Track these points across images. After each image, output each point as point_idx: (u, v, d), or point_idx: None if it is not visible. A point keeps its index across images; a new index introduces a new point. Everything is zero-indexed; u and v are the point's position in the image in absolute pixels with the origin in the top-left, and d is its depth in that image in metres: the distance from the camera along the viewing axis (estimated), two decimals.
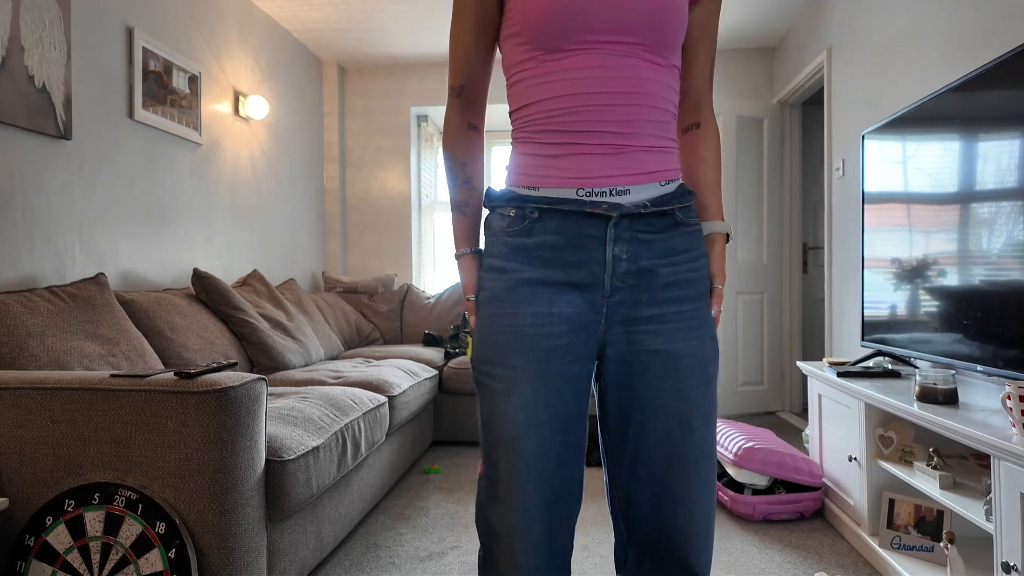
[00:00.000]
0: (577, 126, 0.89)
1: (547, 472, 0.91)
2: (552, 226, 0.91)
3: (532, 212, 0.92)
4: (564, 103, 0.89)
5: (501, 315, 0.93)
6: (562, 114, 0.90)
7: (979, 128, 1.66)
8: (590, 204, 0.89)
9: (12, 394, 1.43)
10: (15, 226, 2.00)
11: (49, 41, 2.09)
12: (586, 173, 0.90)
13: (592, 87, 0.88)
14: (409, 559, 1.97)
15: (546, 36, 0.88)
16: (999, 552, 1.33)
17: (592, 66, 0.88)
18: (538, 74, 0.91)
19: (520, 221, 0.93)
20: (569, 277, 0.91)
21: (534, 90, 0.91)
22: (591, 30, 0.87)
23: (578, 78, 0.88)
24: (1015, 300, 1.51)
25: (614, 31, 0.87)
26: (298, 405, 1.87)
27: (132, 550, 1.36)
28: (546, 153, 0.92)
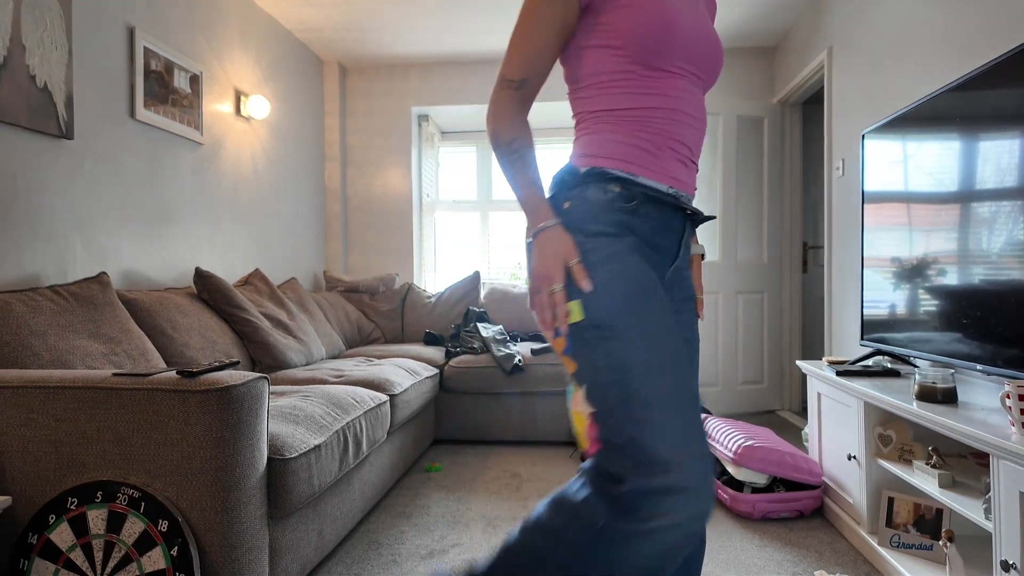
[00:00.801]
0: (672, 135, 1.02)
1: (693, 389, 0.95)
2: (652, 212, 1.02)
3: (638, 194, 1.01)
4: (665, 114, 1.02)
5: (628, 268, 0.97)
6: (663, 123, 1.02)
7: (979, 128, 1.67)
8: (675, 197, 1.03)
9: (15, 393, 1.43)
10: (17, 225, 2.00)
11: (50, 41, 2.09)
12: (675, 175, 1.04)
13: (685, 107, 1.03)
14: (410, 557, 1.98)
15: (649, 55, 1.00)
16: (998, 550, 1.33)
17: (684, 89, 1.03)
18: (640, 85, 1.02)
19: (627, 200, 1.01)
20: (649, 258, 1.03)
21: (637, 98, 1.02)
22: (683, 59, 1.02)
23: (676, 96, 1.02)
24: (1014, 299, 1.52)
25: (695, 64, 1.03)
26: (300, 404, 1.88)
27: (135, 548, 1.36)
28: (644, 147, 1.02)
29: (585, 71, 1.06)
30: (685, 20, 1.01)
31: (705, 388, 3.92)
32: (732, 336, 3.96)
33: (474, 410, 3.32)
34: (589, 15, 1.05)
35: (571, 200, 1.03)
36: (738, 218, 4.00)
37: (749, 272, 4.01)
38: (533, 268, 1.00)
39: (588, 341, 0.96)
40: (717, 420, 2.70)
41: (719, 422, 2.66)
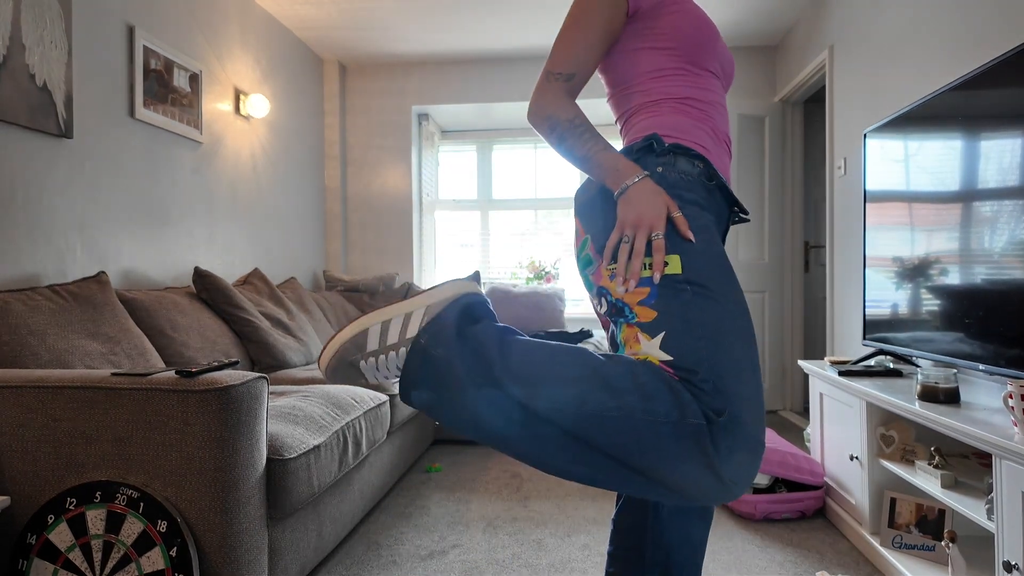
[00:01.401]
0: (722, 129, 1.12)
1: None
2: (719, 198, 1.09)
3: (714, 179, 1.07)
4: (717, 109, 1.11)
5: (714, 243, 1.00)
6: (717, 117, 1.11)
7: (981, 127, 1.66)
8: (729, 191, 1.10)
9: (14, 392, 1.43)
10: (16, 225, 2.00)
11: (50, 40, 2.09)
12: (726, 168, 1.12)
13: (719, 99, 1.13)
14: (410, 558, 1.97)
15: (697, 54, 1.10)
16: (1000, 551, 1.33)
17: (720, 88, 1.15)
18: (695, 82, 1.10)
19: (708, 178, 1.06)
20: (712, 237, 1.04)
21: (697, 91, 1.10)
22: (717, 61, 1.14)
23: (719, 93, 1.13)
24: (1017, 299, 1.51)
25: (723, 67, 1.16)
26: (299, 404, 1.87)
27: (133, 548, 1.36)
28: (710, 135, 1.09)
29: (641, 69, 1.12)
30: (715, 32, 1.13)
31: None
32: None
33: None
34: (638, 21, 1.11)
35: (663, 167, 1.04)
36: None
37: (750, 271, 4.00)
38: (627, 217, 0.98)
39: (682, 294, 0.95)
40: None
41: None
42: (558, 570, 1.88)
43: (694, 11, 1.11)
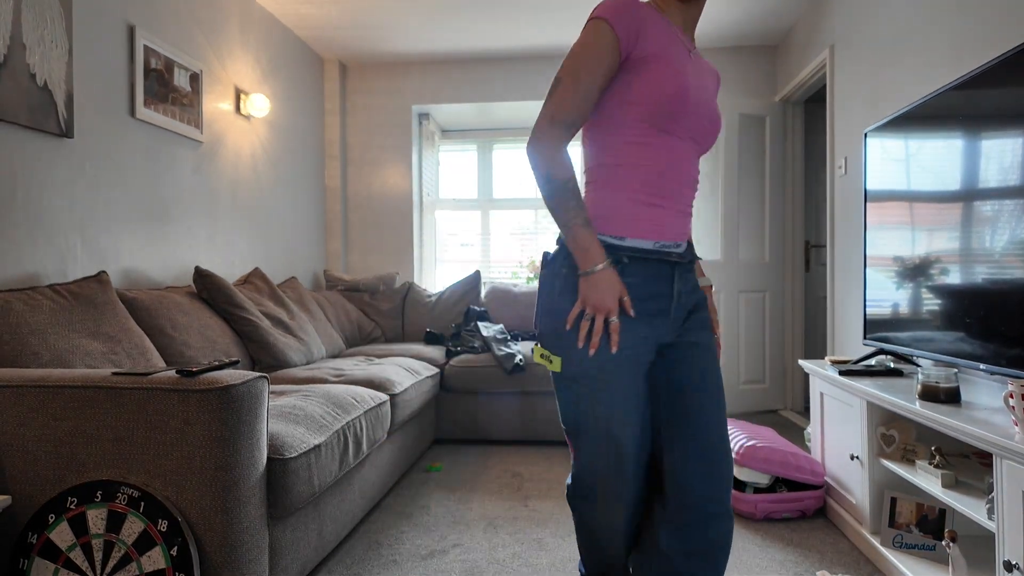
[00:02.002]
0: (664, 192, 1.18)
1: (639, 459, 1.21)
2: (639, 269, 1.18)
3: (623, 259, 1.17)
4: (662, 172, 1.17)
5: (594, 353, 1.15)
6: (659, 179, 1.17)
7: (982, 126, 1.66)
8: (662, 253, 1.19)
9: (14, 392, 1.43)
10: (17, 224, 2.00)
11: (50, 39, 2.09)
12: (663, 227, 1.19)
13: (678, 167, 1.19)
14: (411, 557, 1.97)
15: (662, 119, 1.15)
16: (1001, 551, 1.33)
17: (682, 150, 1.19)
18: (648, 144, 1.17)
19: (616, 261, 1.17)
20: (646, 307, 1.18)
21: (643, 154, 1.17)
22: (687, 128, 1.18)
23: (674, 157, 1.18)
24: (1018, 298, 1.51)
25: (697, 132, 1.20)
26: (300, 403, 1.87)
27: (134, 548, 1.36)
28: (639, 200, 1.17)
29: (608, 121, 1.19)
30: (694, 93, 1.16)
31: None
32: (734, 335, 3.95)
33: (475, 409, 3.31)
34: (623, 70, 1.17)
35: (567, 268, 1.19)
36: (740, 217, 3.99)
37: (751, 271, 4.00)
38: (589, 299, 1.14)
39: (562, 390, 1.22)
40: None
41: None
42: (559, 569, 1.88)
43: (671, 77, 1.13)
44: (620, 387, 1.15)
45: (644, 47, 1.14)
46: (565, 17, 3.76)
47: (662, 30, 1.17)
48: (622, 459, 1.18)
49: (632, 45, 1.14)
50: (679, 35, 1.20)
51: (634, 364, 1.16)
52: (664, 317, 1.20)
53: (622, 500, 1.21)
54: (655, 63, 1.13)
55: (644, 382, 1.20)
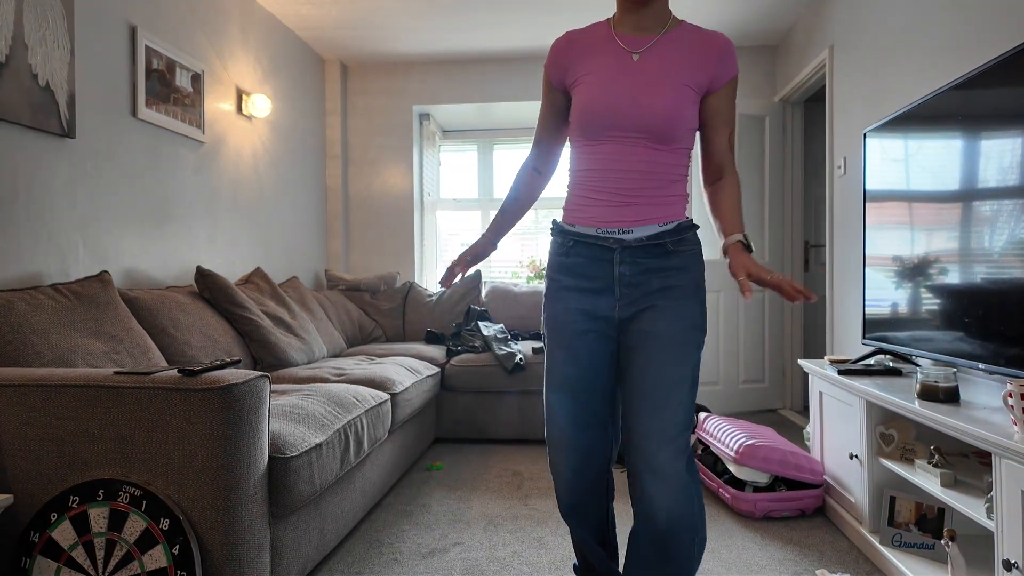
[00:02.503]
0: (597, 190, 1.36)
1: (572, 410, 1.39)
2: (582, 251, 1.37)
3: (569, 241, 1.39)
4: (592, 174, 1.36)
5: (554, 310, 1.41)
6: (591, 180, 1.37)
7: (981, 126, 1.66)
8: (602, 239, 1.35)
9: (17, 391, 1.43)
10: (19, 224, 2.00)
11: (52, 39, 2.09)
12: (601, 218, 1.36)
13: (608, 165, 1.34)
14: (411, 556, 1.98)
15: (586, 132, 1.35)
16: (1000, 550, 1.33)
17: (611, 152, 1.34)
18: (581, 152, 1.38)
19: (563, 246, 1.40)
20: (589, 285, 1.37)
21: (581, 161, 1.38)
22: (614, 128, 1.32)
23: (601, 159, 1.35)
24: (1017, 298, 1.51)
25: (629, 130, 1.32)
26: (301, 402, 1.88)
27: (136, 546, 1.36)
28: (580, 203, 1.38)
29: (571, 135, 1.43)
30: (613, 99, 1.31)
31: (706, 387, 3.91)
32: (733, 335, 3.96)
33: (475, 409, 3.32)
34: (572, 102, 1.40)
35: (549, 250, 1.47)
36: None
37: None
38: None
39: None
40: (718, 419, 2.70)
41: (720, 421, 2.66)
42: (559, 568, 1.89)
43: (586, 95, 1.34)
44: (558, 345, 1.39)
45: (573, 78, 1.38)
46: (566, 18, 3.76)
47: (595, 53, 1.36)
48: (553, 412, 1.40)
49: (563, 81, 1.42)
50: (618, 46, 1.35)
51: (572, 329, 1.37)
52: (609, 295, 1.35)
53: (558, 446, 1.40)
54: (578, 88, 1.37)
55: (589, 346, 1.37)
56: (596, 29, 1.40)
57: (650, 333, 1.32)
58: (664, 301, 1.33)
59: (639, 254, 1.33)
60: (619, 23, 1.38)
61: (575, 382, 1.38)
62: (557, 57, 1.42)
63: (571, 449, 1.39)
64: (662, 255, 1.33)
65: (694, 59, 1.32)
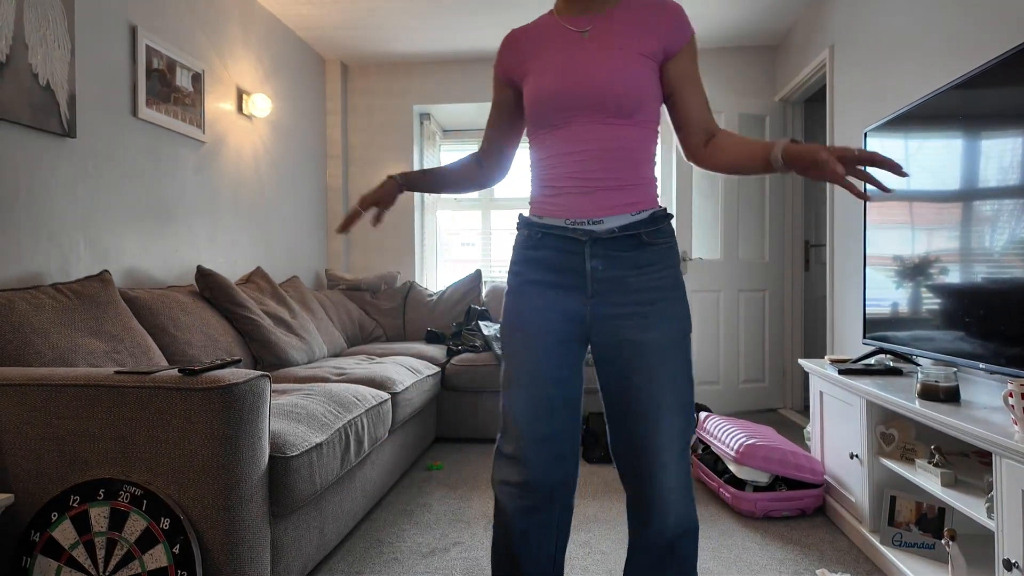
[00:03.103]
0: (561, 178, 1.27)
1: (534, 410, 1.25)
2: (549, 243, 1.28)
3: (537, 233, 1.29)
4: (553, 161, 1.28)
5: (516, 304, 1.29)
6: (553, 168, 1.28)
7: (982, 126, 1.66)
8: (571, 231, 1.25)
9: (17, 390, 1.44)
10: (20, 224, 2.01)
11: (53, 39, 2.09)
12: (574, 208, 1.26)
13: (568, 149, 1.26)
14: (412, 555, 1.98)
15: (540, 119, 1.28)
16: (1000, 549, 1.33)
17: (569, 135, 1.26)
18: (541, 143, 1.30)
19: (530, 239, 1.30)
20: (559, 280, 1.26)
21: (540, 151, 1.31)
22: (568, 110, 1.25)
23: (560, 143, 1.27)
24: (1017, 298, 1.51)
25: (586, 108, 1.24)
26: (301, 402, 1.88)
27: (137, 546, 1.37)
28: (546, 194, 1.30)
29: None
30: (564, 80, 1.25)
31: (707, 386, 3.91)
32: (734, 334, 3.96)
33: (476, 408, 3.32)
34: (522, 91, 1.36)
35: (514, 244, 1.37)
36: (740, 216, 4.00)
37: (751, 270, 4.00)
38: None
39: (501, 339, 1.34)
40: (719, 418, 2.70)
41: (721, 420, 2.66)
42: None
43: (533, 85, 1.29)
44: (523, 347, 1.27)
45: (523, 72, 1.34)
46: None
47: (543, 43, 1.32)
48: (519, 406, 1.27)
49: (512, 78, 1.37)
50: (565, 29, 1.30)
51: (539, 329, 1.26)
52: (580, 292, 1.25)
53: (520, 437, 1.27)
54: (528, 80, 1.32)
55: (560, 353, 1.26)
56: (541, 21, 1.36)
57: (640, 345, 1.21)
58: (649, 307, 1.22)
59: (611, 247, 1.24)
60: (563, 9, 1.33)
61: (541, 392, 1.25)
62: (505, 55, 1.39)
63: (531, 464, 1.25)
64: (636, 247, 1.24)
65: (645, 27, 1.26)
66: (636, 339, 1.21)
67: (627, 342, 1.22)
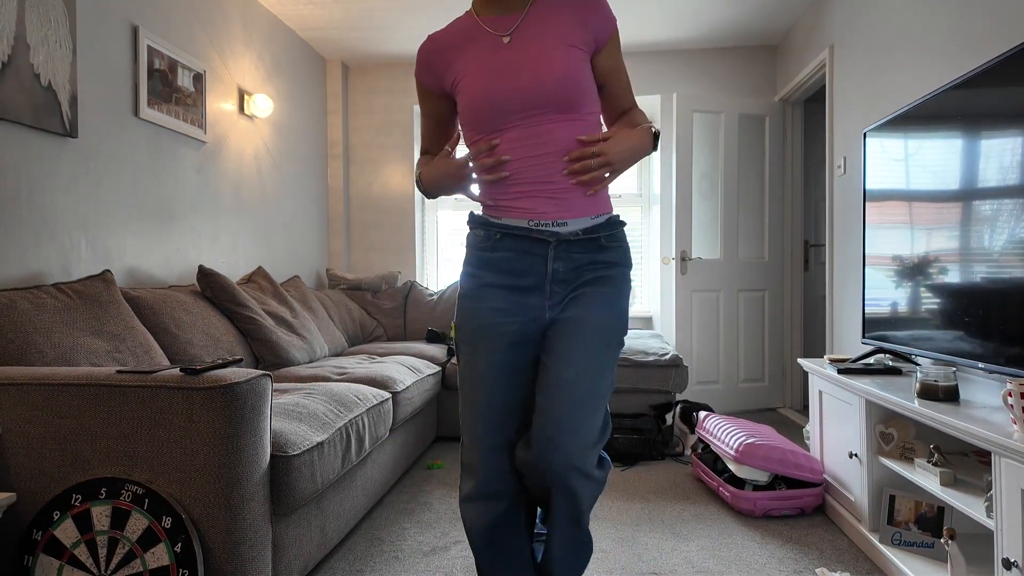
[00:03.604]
0: (521, 182, 1.25)
1: (492, 419, 1.26)
2: (509, 244, 1.27)
3: (495, 234, 1.28)
4: (512, 166, 1.25)
5: (474, 308, 1.28)
6: (512, 171, 1.25)
7: (981, 126, 1.67)
8: (537, 232, 1.25)
9: (19, 390, 1.44)
10: (22, 224, 2.01)
11: (54, 39, 2.10)
12: (534, 209, 1.26)
13: (521, 154, 1.24)
14: (412, 553, 1.98)
15: (481, 126, 1.26)
16: (999, 548, 1.33)
17: (518, 138, 1.24)
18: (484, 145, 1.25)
19: (487, 240, 1.29)
20: (519, 282, 1.27)
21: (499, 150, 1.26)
22: (511, 114, 1.23)
23: (512, 147, 1.25)
24: (1016, 297, 1.52)
25: (530, 109, 1.23)
26: (302, 401, 1.89)
27: (138, 544, 1.37)
28: (507, 196, 1.27)
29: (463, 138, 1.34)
30: (499, 83, 1.23)
31: (707, 385, 3.92)
32: (733, 334, 3.96)
33: None
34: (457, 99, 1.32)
35: (465, 243, 1.35)
36: (739, 216, 4.00)
37: (750, 270, 4.01)
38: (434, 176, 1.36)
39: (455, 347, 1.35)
40: (718, 418, 2.70)
41: (720, 419, 2.66)
42: None
43: (471, 90, 1.25)
44: (480, 352, 1.26)
45: (450, 78, 1.31)
46: None
47: (466, 47, 1.29)
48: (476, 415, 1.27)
49: (441, 86, 1.34)
50: (487, 32, 1.29)
51: (496, 332, 1.26)
52: (540, 293, 1.27)
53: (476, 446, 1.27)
54: (460, 86, 1.29)
55: (515, 358, 1.27)
56: (459, 23, 1.33)
57: (576, 320, 1.24)
58: (592, 289, 1.26)
59: (574, 248, 1.26)
60: (482, 8, 1.31)
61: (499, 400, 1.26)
62: (427, 63, 1.35)
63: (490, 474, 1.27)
64: (596, 250, 1.28)
65: (571, 19, 1.27)
66: (575, 315, 1.25)
67: (568, 319, 1.26)
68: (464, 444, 1.31)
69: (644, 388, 3.20)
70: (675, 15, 3.75)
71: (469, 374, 1.28)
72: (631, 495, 2.51)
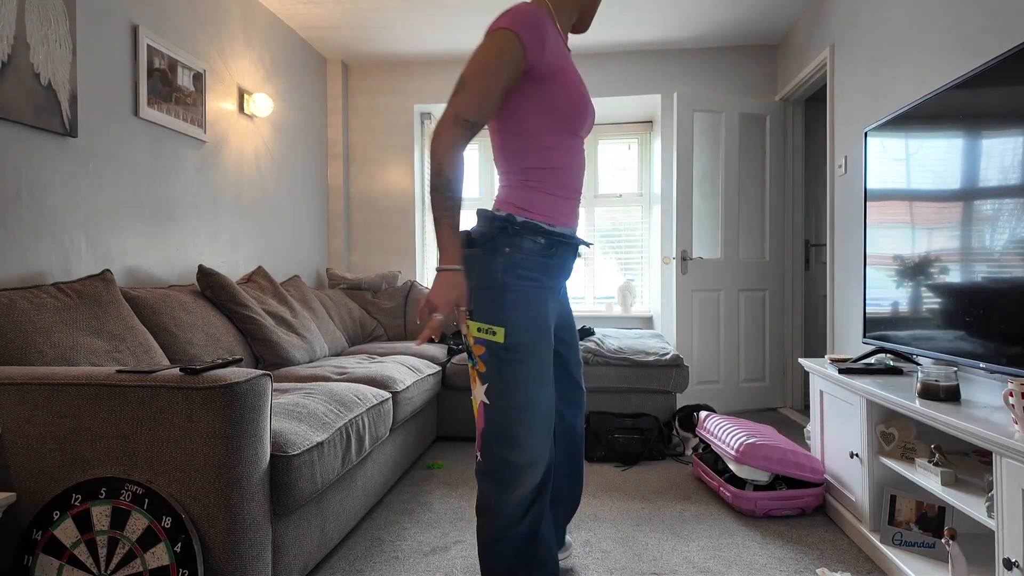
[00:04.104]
0: (574, 187, 1.40)
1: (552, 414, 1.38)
2: (560, 251, 1.39)
3: (554, 242, 1.37)
4: (572, 171, 1.38)
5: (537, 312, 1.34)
6: (572, 179, 1.39)
7: (982, 125, 1.66)
8: (575, 239, 1.43)
9: (19, 390, 1.44)
10: (22, 223, 2.01)
11: (54, 38, 2.10)
12: (573, 218, 1.43)
13: (579, 163, 1.41)
14: (412, 553, 1.98)
15: (571, 126, 1.35)
16: (1001, 548, 1.33)
17: (580, 148, 1.41)
18: (562, 149, 1.35)
19: (549, 248, 1.36)
20: (557, 285, 1.42)
21: (555, 157, 1.35)
22: (585, 128, 1.41)
23: (577, 155, 1.39)
24: (1018, 297, 1.51)
25: (587, 128, 1.43)
26: (302, 401, 1.88)
27: (138, 544, 1.37)
28: (560, 199, 1.37)
29: (523, 128, 1.33)
30: (585, 94, 1.35)
31: (707, 385, 3.92)
32: (734, 333, 3.96)
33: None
34: (528, 80, 1.29)
35: (511, 248, 1.32)
36: (740, 216, 4.00)
37: (751, 270, 4.00)
38: (429, 294, 1.29)
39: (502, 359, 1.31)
40: (719, 417, 2.70)
41: (721, 419, 2.66)
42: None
43: (575, 87, 1.32)
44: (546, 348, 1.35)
45: (548, 58, 1.27)
46: None
47: (558, 40, 1.32)
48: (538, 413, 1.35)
49: (537, 57, 1.25)
50: (564, 41, 1.39)
51: (551, 333, 1.39)
52: (558, 295, 1.45)
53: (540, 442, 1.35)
54: (561, 74, 1.28)
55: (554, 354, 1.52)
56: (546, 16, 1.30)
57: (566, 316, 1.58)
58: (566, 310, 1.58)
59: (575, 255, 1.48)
60: (556, 17, 1.40)
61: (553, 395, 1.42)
62: (543, 33, 1.25)
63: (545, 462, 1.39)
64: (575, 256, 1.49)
65: None
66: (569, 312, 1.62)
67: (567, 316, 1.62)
68: (519, 444, 1.33)
69: (644, 388, 3.20)
70: (676, 15, 3.75)
71: (533, 374, 1.32)
72: (631, 495, 2.50)
